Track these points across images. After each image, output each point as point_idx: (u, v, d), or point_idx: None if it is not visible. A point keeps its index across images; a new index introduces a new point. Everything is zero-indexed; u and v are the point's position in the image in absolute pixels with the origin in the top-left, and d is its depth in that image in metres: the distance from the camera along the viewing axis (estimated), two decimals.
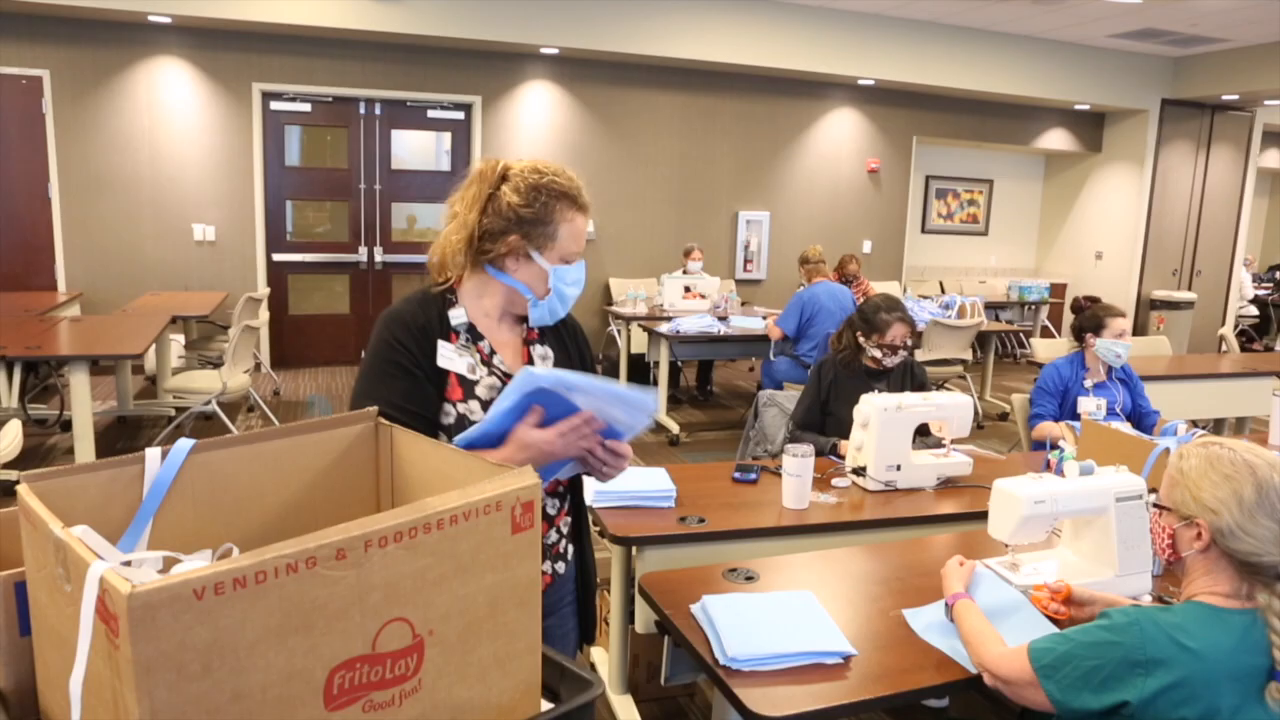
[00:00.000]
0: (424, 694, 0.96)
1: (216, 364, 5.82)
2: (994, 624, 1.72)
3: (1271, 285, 12.10)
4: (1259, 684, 1.40)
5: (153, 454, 1.12)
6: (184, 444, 1.15)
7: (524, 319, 1.67)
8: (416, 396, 1.54)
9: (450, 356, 1.58)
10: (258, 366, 7.33)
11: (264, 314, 6.41)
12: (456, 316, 1.61)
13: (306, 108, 7.69)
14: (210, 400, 5.27)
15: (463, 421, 1.55)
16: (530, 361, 1.68)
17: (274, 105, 7.58)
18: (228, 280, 7.48)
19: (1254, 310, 11.62)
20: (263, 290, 6.99)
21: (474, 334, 1.62)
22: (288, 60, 7.43)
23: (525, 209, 1.55)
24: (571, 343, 1.75)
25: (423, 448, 1.32)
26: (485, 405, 1.57)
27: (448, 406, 1.56)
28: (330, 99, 7.72)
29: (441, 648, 0.97)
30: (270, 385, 7.23)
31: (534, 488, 1.03)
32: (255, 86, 7.39)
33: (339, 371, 7.90)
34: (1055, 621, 1.75)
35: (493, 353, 1.62)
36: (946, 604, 1.82)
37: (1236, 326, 11.13)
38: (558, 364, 1.70)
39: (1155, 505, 1.59)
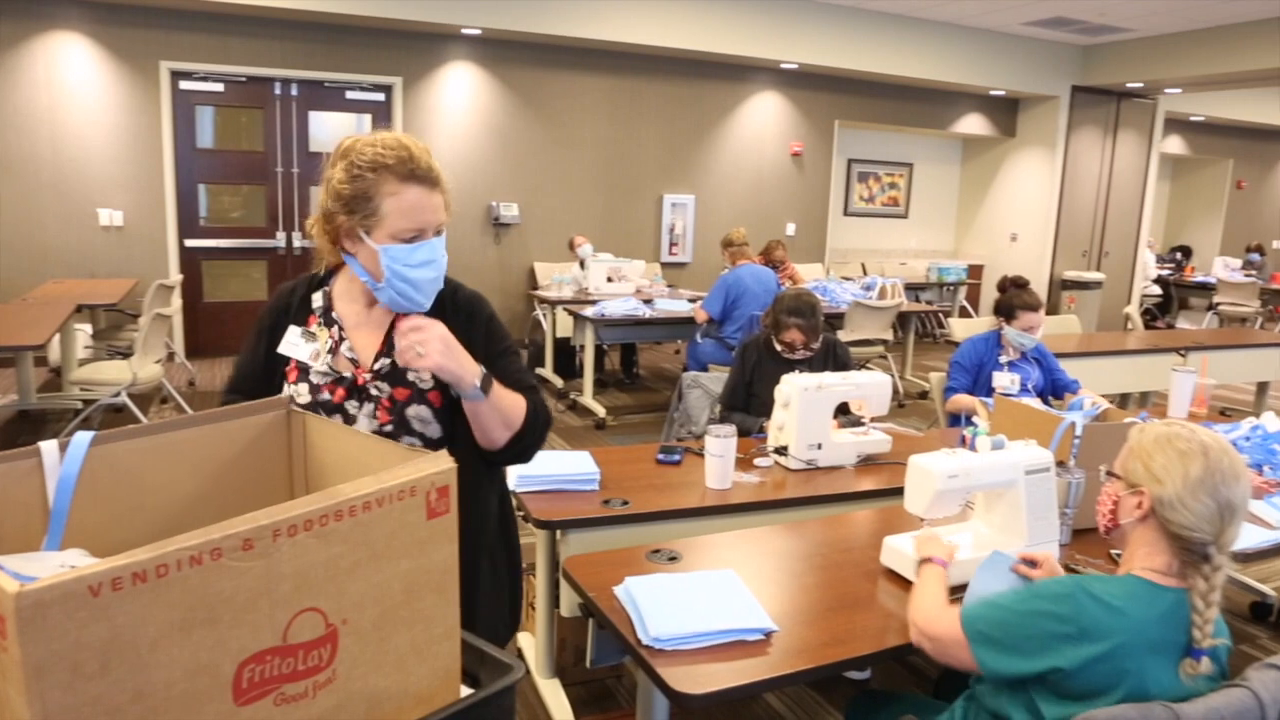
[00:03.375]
0: (339, 684, 0.95)
1: (126, 354, 5.61)
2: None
3: (1172, 265, 12.63)
4: (1176, 658, 1.46)
5: (49, 447, 1.08)
6: (83, 436, 1.11)
7: None
8: (253, 375, 1.59)
9: (294, 342, 1.58)
10: (171, 356, 7.10)
11: (176, 301, 6.20)
12: (316, 299, 1.62)
13: (219, 88, 7.44)
14: (120, 392, 5.08)
15: (290, 403, 1.53)
16: (388, 349, 1.58)
17: (184, 85, 7.31)
18: (137, 267, 7.21)
19: (1157, 289, 12.11)
20: (175, 277, 6.76)
21: (329, 318, 1.60)
22: (198, 38, 7.17)
23: (345, 186, 1.48)
24: (463, 326, 1.60)
25: (337, 434, 1.30)
26: (313, 390, 1.56)
27: (286, 386, 1.58)
28: (244, 79, 7.47)
29: (356, 637, 0.96)
30: (185, 375, 7.01)
31: (449, 472, 1.02)
32: (163, 65, 7.11)
33: None
34: None
35: (342, 339, 1.59)
36: (919, 563, 1.88)
37: (1141, 305, 11.59)
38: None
39: (1107, 473, 1.63)
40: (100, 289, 6.28)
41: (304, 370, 1.57)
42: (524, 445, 1.62)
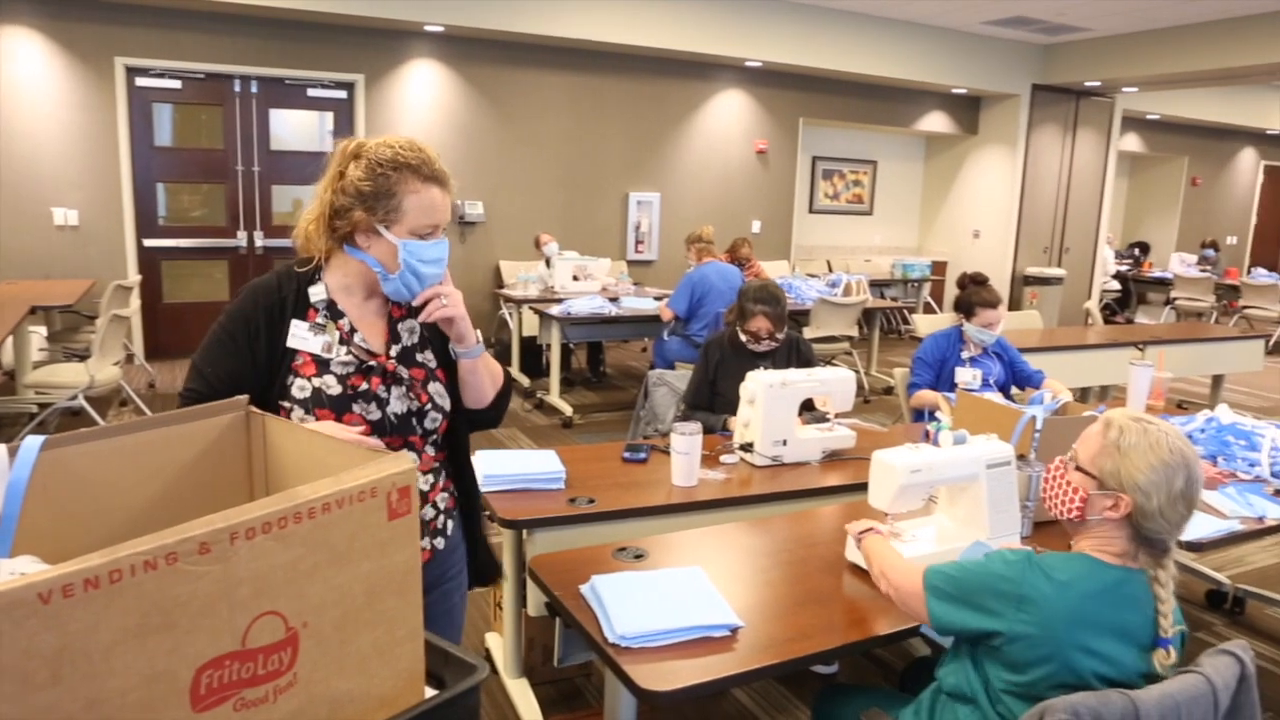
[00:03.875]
0: (300, 688, 0.94)
1: (83, 356, 5.51)
2: None
3: (1131, 261, 12.85)
4: (1120, 637, 1.49)
5: None
6: (33, 441, 1.08)
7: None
8: (237, 378, 1.56)
9: (304, 336, 1.60)
10: (130, 358, 6.97)
11: (135, 302, 6.09)
12: (316, 293, 1.63)
13: (176, 85, 7.32)
14: (76, 395, 4.99)
15: (319, 395, 1.58)
16: (395, 337, 1.68)
17: (140, 81, 7.18)
18: (94, 267, 7.07)
19: (1116, 285, 12.32)
20: (133, 277, 6.64)
21: (334, 311, 1.64)
22: (153, 33, 7.04)
23: (366, 183, 1.56)
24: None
25: (297, 436, 1.29)
26: (341, 380, 1.60)
27: (301, 381, 1.59)
28: (202, 75, 7.36)
29: (317, 640, 0.95)
30: (145, 378, 6.90)
31: (410, 473, 1.02)
32: (118, 61, 6.98)
33: None
34: None
35: (353, 330, 1.64)
36: (856, 539, 1.97)
37: (1101, 300, 11.78)
38: (429, 340, 1.71)
39: (1077, 468, 1.61)
40: (55, 290, 6.15)
41: (322, 363, 1.60)
42: (503, 404, 1.80)
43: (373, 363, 1.63)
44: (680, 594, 1.81)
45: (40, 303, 5.62)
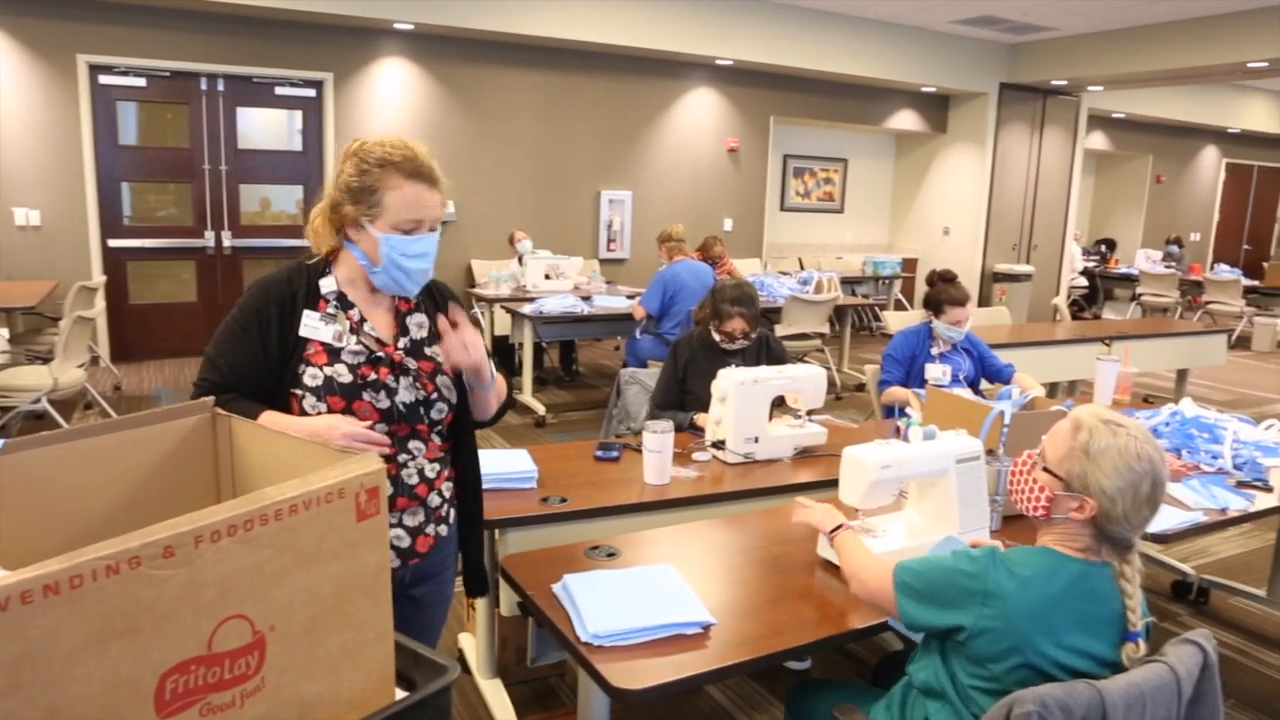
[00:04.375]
0: (268, 692, 0.93)
1: (46, 359, 5.42)
2: None
3: (1097, 258, 13.02)
4: (1083, 627, 1.52)
5: None
6: None
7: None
8: (251, 368, 1.64)
9: (315, 325, 1.67)
10: (95, 360, 6.87)
11: (100, 303, 6.00)
12: (326, 285, 1.70)
13: (141, 82, 7.21)
14: (40, 398, 4.91)
15: (330, 383, 1.64)
16: (403, 330, 1.75)
17: (103, 79, 7.07)
18: (58, 268, 6.96)
19: (1084, 281, 12.48)
20: (98, 278, 6.54)
21: (344, 302, 1.70)
22: (117, 30, 6.93)
23: (354, 179, 1.63)
24: (443, 306, 1.80)
25: (264, 437, 1.27)
26: (352, 369, 1.66)
27: (313, 370, 1.64)
28: (168, 74, 7.26)
29: (285, 643, 0.94)
30: (111, 380, 6.80)
31: (378, 474, 1.01)
32: (81, 58, 6.87)
33: (187, 363, 7.49)
34: None
35: (363, 320, 1.71)
36: (827, 536, 1.96)
37: (1069, 297, 11.93)
38: (438, 336, 1.75)
39: (1044, 469, 1.60)
40: (17, 291, 6.05)
41: (333, 352, 1.66)
42: (503, 411, 1.89)
43: (381, 353, 1.69)
44: (652, 592, 1.82)
45: (1, 304, 5.53)
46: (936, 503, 2.14)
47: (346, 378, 1.65)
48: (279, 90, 7.70)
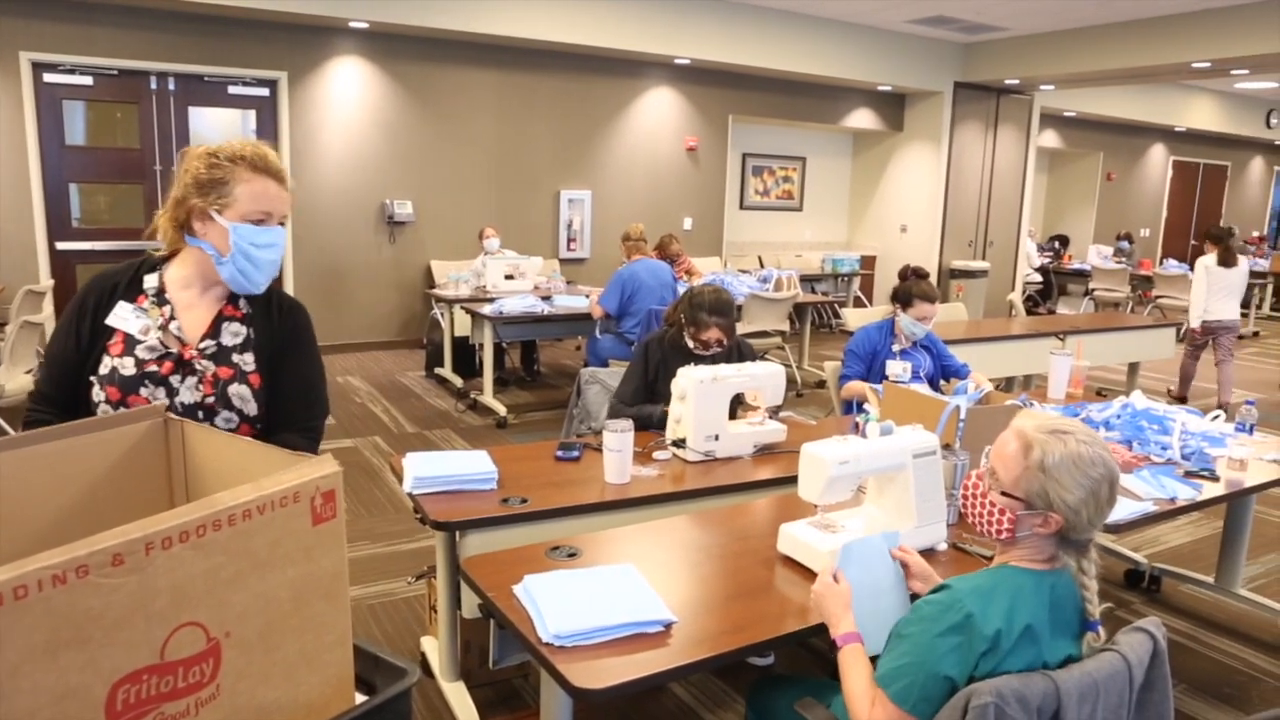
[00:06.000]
0: (224, 700, 0.92)
1: None
2: (871, 609, 1.73)
3: (1051, 254, 13.24)
4: (1051, 631, 1.54)
5: None
6: None
7: (233, 295, 1.77)
8: (62, 358, 1.69)
9: (125, 317, 1.70)
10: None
11: (48, 308, 5.87)
12: (150, 281, 1.74)
13: (88, 81, 7.06)
14: None
15: (113, 374, 1.66)
16: (215, 333, 1.74)
17: (48, 77, 6.91)
18: (3, 272, 6.78)
19: (1038, 277, 12.69)
20: (46, 282, 6.40)
21: (161, 299, 1.74)
22: (61, 27, 6.78)
23: (204, 173, 1.69)
24: (281, 326, 1.82)
25: (217, 442, 1.26)
26: (140, 364, 1.68)
27: (107, 359, 1.68)
28: (115, 72, 7.11)
29: (241, 649, 0.93)
30: None
31: (334, 476, 1.00)
32: (23, 56, 6.70)
33: None
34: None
35: (173, 318, 1.73)
36: (835, 643, 1.68)
37: (1024, 292, 12.12)
38: (259, 346, 1.77)
39: (1002, 493, 1.57)
40: None
41: (130, 344, 1.69)
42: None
43: (173, 350, 1.71)
44: (613, 592, 1.82)
45: None
46: (895, 497, 2.17)
47: (130, 370, 1.67)
48: (232, 89, 7.58)
